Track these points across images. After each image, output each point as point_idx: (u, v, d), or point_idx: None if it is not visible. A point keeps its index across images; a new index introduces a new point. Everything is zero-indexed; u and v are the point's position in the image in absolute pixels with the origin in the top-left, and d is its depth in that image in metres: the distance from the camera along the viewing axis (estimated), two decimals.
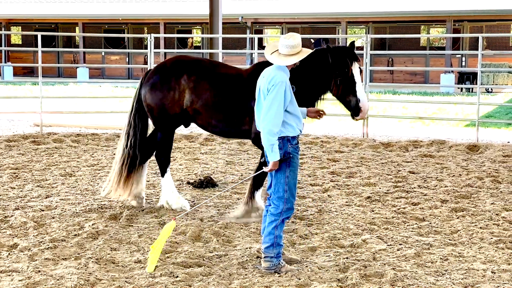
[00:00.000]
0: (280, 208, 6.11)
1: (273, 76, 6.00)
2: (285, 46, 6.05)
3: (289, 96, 6.01)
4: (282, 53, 6.06)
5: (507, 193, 9.43)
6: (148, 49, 16.15)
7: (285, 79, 6.00)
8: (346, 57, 7.21)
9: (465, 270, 6.20)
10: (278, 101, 5.90)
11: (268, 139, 5.93)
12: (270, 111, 5.90)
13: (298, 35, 6.15)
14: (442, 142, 13.60)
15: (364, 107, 7.25)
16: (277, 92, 5.91)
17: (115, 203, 8.62)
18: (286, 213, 6.14)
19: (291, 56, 6.05)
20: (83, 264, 6.25)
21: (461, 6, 31.35)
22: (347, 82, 7.26)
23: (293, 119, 6.10)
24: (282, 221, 6.14)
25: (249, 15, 34.37)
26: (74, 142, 13.74)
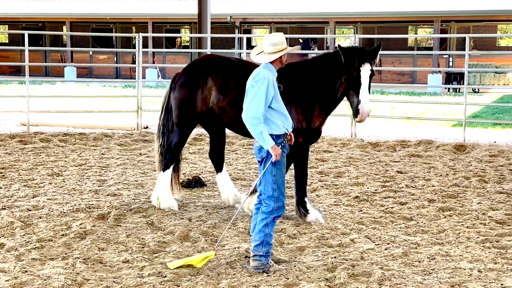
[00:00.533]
0: (271, 206, 6.16)
1: (257, 73, 6.20)
2: (268, 45, 6.22)
3: (272, 92, 6.12)
4: (267, 52, 6.22)
5: (493, 193, 9.49)
6: (136, 49, 16.11)
7: (268, 76, 6.13)
8: (356, 57, 7.20)
9: (452, 269, 6.24)
10: (260, 95, 6.05)
11: (254, 129, 6.06)
12: (252, 103, 6.07)
13: (280, 34, 6.32)
14: (429, 142, 13.66)
15: (362, 109, 7.15)
16: (259, 87, 6.08)
17: (103, 203, 8.59)
18: (277, 211, 6.19)
19: (275, 54, 6.20)
20: (70, 264, 6.23)
21: (448, 7, 31.48)
22: (351, 82, 7.23)
23: (278, 116, 6.19)
24: (273, 220, 6.18)
25: (238, 15, 34.35)
26: (61, 141, 13.68)
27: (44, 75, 37.34)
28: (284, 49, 6.23)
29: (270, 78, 6.14)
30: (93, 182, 9.95)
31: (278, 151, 6.09)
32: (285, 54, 6.30)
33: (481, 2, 31.17)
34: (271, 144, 6.06)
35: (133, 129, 15.46)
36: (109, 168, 11.08)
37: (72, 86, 28.59)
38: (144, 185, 9.82)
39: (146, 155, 12.31)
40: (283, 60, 6.33)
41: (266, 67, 6.24)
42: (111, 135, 14.38)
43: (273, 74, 6.24)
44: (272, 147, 6.06)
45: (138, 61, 16.10)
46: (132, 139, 13.90)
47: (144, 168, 11.11)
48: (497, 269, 6.23)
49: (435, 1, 32.08)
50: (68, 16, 36.76)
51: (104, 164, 11.44)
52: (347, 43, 38.08)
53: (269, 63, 6.26)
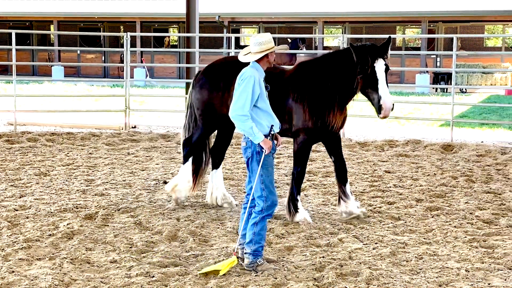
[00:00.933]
0: (261, 206, 6.18)
1: (243, 72, 6.25)
2: (254, 44, 6.25)
3: (258, 91, 6.15)
4: (253, 52, 6.26)
5: (480, 192, 9.53)
6: (124, 48, 16.06)
7: (254, 74, 6.17)
8: (368, 54, 7.21)
9: (440, 268, 6.26)
10: (246, 93, 6.09)
11: (242, 126, 6.10)
12: (238, 101, 6.12)
13: (267, 33, 6.38)
14: (417, 142, 13.71)
15: (385, 104, 7.16)
16: (245, 85, 6.12)
17: (91, 203, 8.56)
18: (267, 210, 6.20)
19: (261, 53, 6.24)
20: (57, 264, 6.20)
21: (436, 7, 31.61)
22: (368, 80, 7.24)
23: (264, 116, 6.21)
24: (262, 219, 6.18)
25: (226, 15, 34.33)
26: (48, 141, 13.62)
27: (31, 74, 37.15)
28: (270, 48, 6.25)
29: (256, 77, 6.17)
30: (81, 182, 9.91)
31: (269, 143, 6.12)
32: (272, 54, 6.31)
33: (468, 3, 31.33)
34: (261, 138, 6.09)
35: (121, 129, 15.42)
36: (97, 168, 11.04)
37: (60, 86, 28.46)
38: (132, 184, 9.79)
39: (134, 155, 12.28)
40: (270, 60, 6.34)
41: (253, 67, 6.27)
42: (99, 134, 14.33)
43: (260, 73, 6.26)
44: (263, 140, 6.09)
45: (126, 60, 16.05)
46: (120, 139, 13.85)
47: (132, 168, 11.08)
48: (484, 268, 6.25)
49: (422, 1, 32.20)
50: (55, 15, 36.59)
51: (91, 163, 11.40)
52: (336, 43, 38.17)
53: (256, 63, 6.28)
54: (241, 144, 6.32)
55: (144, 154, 12.42)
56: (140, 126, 16.01)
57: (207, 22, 33.58)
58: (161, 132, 14.77)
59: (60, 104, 20.47)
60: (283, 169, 11.14)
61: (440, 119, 17.82)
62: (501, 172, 11.06)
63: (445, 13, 31.68)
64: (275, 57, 6.43)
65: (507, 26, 35.10)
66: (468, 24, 34.08)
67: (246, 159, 6.25)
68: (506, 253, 6.68)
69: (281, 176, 10.60)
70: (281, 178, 10.40)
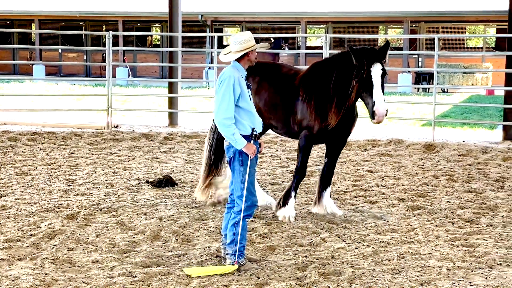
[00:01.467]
0: (240, 206, 6.16)
1: (223, 72, 6.22)
2: (234, 43, 6.24)
3: (239, 90, 6.13)
4: (233, 51, 6.24)
5: (462, 192, 9.59)
6: (106, 47, 15.98)
7: (233, 74, 6.15)
8: (365, 58, 7.18)
9: (421, 267, 6.29)
10: (228, 94, 6.07)
11: (225, 131, 6.07)
12: (222, 104, 6.08)
13: (247, 32, 6.37)
14: (399, 142, 13.77)
15: (378, 110, 7.09)
16: (226, 86, 6.09)
17: (72, 203, 8.51)
18: (246, 211, 6.18)
19: (241, 52, 6.22)
20: (39, 265, 6.15)
21: (418, 8, 31.78)
22: (363, 83, 7.20)
23: (246, 116, 6.19)
24: (242, 219, 6.17)
25: (209, 14, 34.29)
26: (30, 140, 13.52)
27: (12, 73, 36.84)
28: (251, 47, 6.22)
29: (236, 76, 6.15)
30: (62, 182, 9.85)
31: (252, 149, 6.10)
32: (253, 52, 6.29)
33: (450, 3, 31.53)
34: (243, 144, 6.06)
35: (103, 128, 15.34)
36: (79, 168, 10.97)
37: (41, 85, 28.26)
38: (114, 184, 9.74)
39: (116, 154, 12.22)
40: (251, 58, 6.31)
41: (233, 66, 6.26)
42: (81, 134, 14.25)
43: (241, 72, 6.25)
44: (245, 146, 6.07)
45: (108, 59, 15.97)
46: (102, 138, 13.79)
47: (114, 167, 11.03)
48: (465, 267, 6.30)
49: (404, 1, 32.36)
50: (36, 13, 36.34)
51: (73, 163, 11.34)
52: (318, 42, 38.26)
53: (237, 62, 6.27)
54: (224, 143, 6.30)
55: (126, 153, 12.38)
56: (122, 126, 15.95)
57: (190, 22, 33.53)
58: (143, 132, 14.72)
59: (42, 103, 20.34)
60: (266, 169, 11.14)
61: (422, 118, 17.92)
62: (482, 171, 11.15)
63: (427, 13, 31.87)
64: (257, 56, 6.43)
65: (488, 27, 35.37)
66: (449, 25, 34.31)
67: (229, 158, 6.24)
68: (487, 251, 6.73)
69: (264, 175, 10.61)
70: (264, 178, 10.41)
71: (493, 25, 34.58)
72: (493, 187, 9.92)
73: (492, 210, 8.56)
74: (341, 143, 8.11)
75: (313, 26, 37.65)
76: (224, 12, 34.40)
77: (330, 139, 7.99)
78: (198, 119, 17.23)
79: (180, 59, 17.72)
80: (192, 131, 15.00)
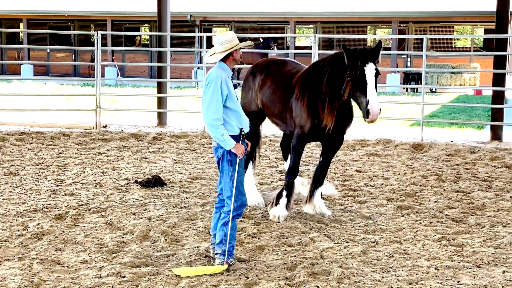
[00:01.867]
0: (230, 206, 6.18)
1: (209, 74, 6.23)
2: (218, 44, 6.25)
3: (226, 91, 6.14)
4: (217, 51, 6.25)
5: (450, 191, 9.64)
6: (95, 47, 15.94)
7: (219, 75, 6.16)
8: (358, 57, 7.20)
9: (410, 267, 6.32)
10: (216, 95, 6.09)
11: (215, 132, 6.08)
12: (210, 105, 6.09)
13: (230, 32, 6.39)
14: (388, 141, 13.81)
15: (372, 109, 7.12)
16: (214, 87, 6.10)
17: (61, 203, 8.48)
18: (235, 210, 6.20)
19: (225, 52, 6.23)
20: (27, 265, 6.13)
21: (406, 8, 31.89)
22: (357, 83, 7.21)
23: (234, 116, 6.20)
24: (232, 219, 6.20)
25: (198, 14, 34.26)
26: (18, 140, 13.46)
27: (0, 73, 36.69)
28: (234, 46, 6.22)
29: (223, 77, 6.16)
30: (51, 182, 9.82)
31: (241, 149, 6.13)
32: (238, 52, 6.29)
33: (438, 4, 31.66)
34: (232, 144, 6.09)
35: (91, 128, 15.30)
36: (67, 168, 10.94)
37: (29, 84, 28.13)
38: (102, 184, 9.72)
39: (105, 154, 12.19)
40: (236, 58, 6.32)
41: (219, 67, 6.26)
42: (69, 134, 14.20)
43: (227, 72, 6.26)
44: (234, 146, 6.09)
45: (97, 59, 15.93)
46: (90, 138, 13.75)
47: (103, 167, 11.00)
48: (453, 266, 6.33)
49: (393, 2, 32.46)
50: (25, 13, 36.16)
51: (62, 163, 11.29)
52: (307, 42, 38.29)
53: (222, 62, 6.28)
54: (212, 144, 6.30)
55: (115, 153, 12.34)
56: (111, 126, 15.90)
57: (178, 21, 33.49)
58: (132, 132, 14.68)
59: (30, 103, 20.24)
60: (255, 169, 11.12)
61: (411, 118, 17.98)
62: (470, 171, 11.20)
63: (415, 13, 31.98)
64: (244, 56, 6.46)
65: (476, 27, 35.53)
66: (438, 25, 34.44)
67: (217, 159, 6.24)
68: (475, 251, 6.76)
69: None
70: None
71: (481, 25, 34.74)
72: (481, 187, 9.97)
73: (480, 210, 8.60)
74: (336, 142, 8.11)
75: (302, 26, 37.69)
76: (213, 12, 34.37)
77: (324, 138, 8.00)
78: (187, 119, 17.21)
79: (169, 59, 17.68)
80: (181, 131, 14.98)
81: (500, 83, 15.01)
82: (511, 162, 11.75)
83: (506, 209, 8.65)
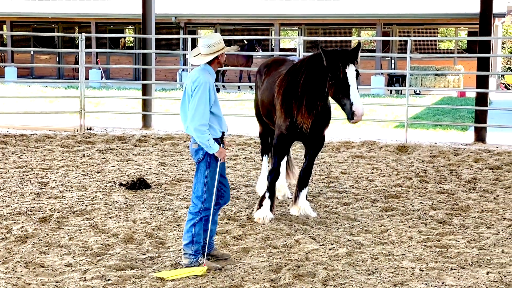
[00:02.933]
0: (198, 207, 6.22)
1: (197, 77, 6.15)
2: (203, 46, 6.22)
3: (213, 97, 6.14)
4: (203, 53, 6.21)
5: (434, 193, 9.68)
6: (79, 49, 15.87)
7: (209, 80, 6.13)
8: (338, 59, 7.21)
9: (395, 268, 6.34)
10: (204, 100, 6.06)
11: (200, 137, 6.08)
12: (197, 110, 6.05)
13: (216, 34, 6.32)
14: (372, 143, 13.86)
15: (358, 111, 7.20)
16: (202, 92, 6.06)
17: (45, 206, 8.43)
18: (204, 212, 6.24)
19: (211, 55, 6.19)
20: (11, 268, 6.09)
21: (390, 10, 32.06)
22: (339, 85, 7.24)
23: (216, 121, 6.21)
24: (200, 219, 6.23)
25: (182, 16, 34.21)
26: (1, 143, 13.36)
27: None
28: (220, 50, 6.20)
29: (211, 82, 6.14)
30: (35, 185, 9.76)
31: (223, 153, 6.19)
32: (223, 55, 6.28)
33: (422, 6, 31.85)
34: (216, 149, 6.12)
35: (76, 131, 15.23)
36: (51, 170, 10.87)
37: (13, 87, 27.96)
38: (87, 187, 9.67)
39: (90, 157, 12.13)
40: (221, 61, 6.31)
41: (205, 69, 6.22)
42: (53, 136, 14.13)
43: (212, 76, 6.24)
44: (218, 151, 6.13)
45: (81, 61, 15.86)
46: (75, 141, 13.68)
47: (87, 170, 10.95)
48: (438, 267, 6.36)
49: (377, 4, 32.61)
50: (8, 15, 35.94)
51: (46, 166, 11.23)
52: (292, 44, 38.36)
53: (207, 65, 6.25)
54: (190, 146, 6.32)
55: (99, 156, 12.29)
56: (95, 128, 15.84)
57: (163, 23, 33.42)
58: (117, 134, 14.63)
59: (13, 106, 20.12)
60: (240, 171, 11.14)
61: (395, 120, 18.05)
62: (454, 172, 11.26)
63: (399, 16, 32.15)
64: (228, 58, 6.50)
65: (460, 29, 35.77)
66: (421, 27, 34.64)
67: (196, 159, 6.25)
68: (459, 252, 6.80)
69: (238, 177, 10.61)
70: (238, 180, 10.41)
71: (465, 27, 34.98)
72: (465, 188, 10.03)
73: (464, 211, 8.65)
74: (317, 143, 8.13)
75: (287, 28, 37.76)
76: (198, 14, 34.35)
77: (303, 138, 8.04)
78: (172, 121, 17.16)
79: (154, 61, 17.63)
80: (166, 133, 14.95)
81: (483, 85, 15.11)
82: (494, 164, 11.84)
83: (490, 210, 8.71)
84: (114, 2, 35.96)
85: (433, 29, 36.12)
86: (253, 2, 34.88)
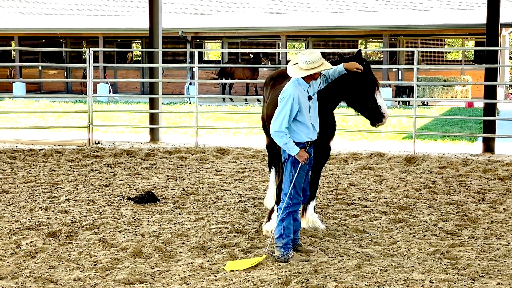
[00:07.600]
0: (285, 202, 6.87)
1: (285, 89, 6.83)
2: (302, 61, 6.71)
3: (296, 108, 6.70)
4: (300, 67, 6.71)
5: (443, 204, 9.65)
6: (87, 63, 15.95)
7: (293, 93, 6.69)
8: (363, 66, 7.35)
9: (404, 280, 6.31)
10: (285, 111, 6.70)
11: (279, 141, 6.80)
12: (277, 118, 6.75)
13: (316, 52, 6.76)
14: (380, 155, 13.84)
15: (386, 112, 7.54)
16: (285, 103, 6.72)
17: (54, 220, 8.45)
18: (292, 207, 6.88)
19: (305, 71, 6.67)
20: (20, 284, 6.09)
21: (397, 21, 32.09)
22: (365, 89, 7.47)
23: (303, 128, 6.81)
24: (288, 214, 6.87)
25: (189, 29, 34.35)
26: (10, 158, 13.42)
27: None
28: (316, 68, 6.65)
29: (296, 95, 6.67)
30: (43, 199, 9.78)
31: (303, 156, 6.79)
32: (318, 73, 6.78)
33: (429, 17, 31.87)
34: (296, 151, 6.76)
35: (84, 145, 15.28)
36: (60, 185, 10.90)
37: (21, 102, 28.11)
38: (96, 201, 9.69)
39: (98, 171, 12.16)
40: (316, 77, 6.84)
41: (295, 82, 6.79)
42: (62, 151, 14.17)
43: (303, 87, 6.77)
44: (298, 153, 6.76)
45: (89, 76, 15.93)
46: (83, 155, 13.72)
47: (96, 184, 10.97)
48: (448, 279, 6.32)
49: (384, 15, 32.66)
50: (16, 31, 36.22)
51: (54, 180, 11.26)
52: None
53: (300, 78, 6.76)
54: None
55: (108, 170, 12.32)
56: (103, 142, 15.88)
57: (170, 37, 33.57)
58: (125, 148, 14.66)
59: (22, 121, 20.21)
60: (248, 183, 11.14)
61: (403, 131, 18.03)
62: (463, 183, 11.22)
63: (406, 27, 32.16)
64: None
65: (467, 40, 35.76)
66: (428, 38, 34.66)
67: (283, 158, 6.92)
68: (469, 264, 6.76)
69: (246, 190, 10.60)
70: (246, 192, 10.40)
71: (472, 38, 34.98)
72: (474, 199, 9.99)
73: (474, 222, 8.61)
74: (323, 155, 8.12)
75: (294, 40, 37.84)
76: (204, 28, 34.47)
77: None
78: (179, 134, 17.20)
79: (161, 75, 17.70)
80: (173, 147, 14.98)
81: (491, 95, 15.08)
82: (504, 174, 11.79)
83: (500, 221, 8.67)
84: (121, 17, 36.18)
85: (440, 40, 36.13)
86: (259, 15, 35.01)
